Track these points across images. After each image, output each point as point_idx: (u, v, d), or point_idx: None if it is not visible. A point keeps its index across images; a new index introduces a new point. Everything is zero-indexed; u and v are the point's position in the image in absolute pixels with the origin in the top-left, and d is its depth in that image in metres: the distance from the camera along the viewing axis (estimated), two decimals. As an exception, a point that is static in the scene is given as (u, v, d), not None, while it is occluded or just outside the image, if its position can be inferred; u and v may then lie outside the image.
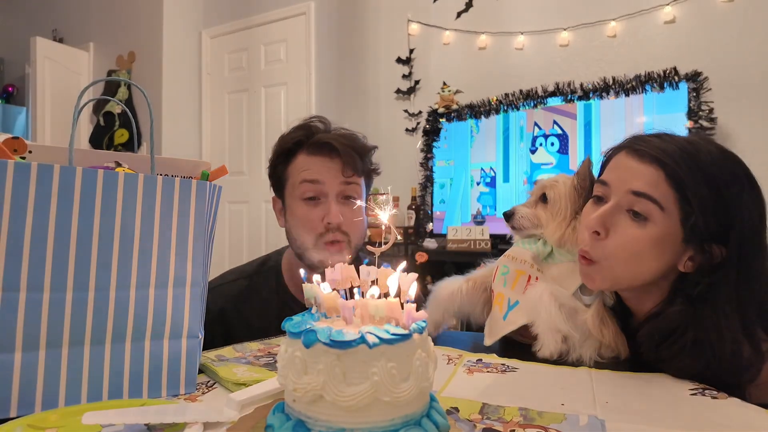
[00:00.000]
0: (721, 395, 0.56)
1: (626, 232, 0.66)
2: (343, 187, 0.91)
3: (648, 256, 0.65)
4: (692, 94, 2.25)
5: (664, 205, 0.64)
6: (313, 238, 0.89)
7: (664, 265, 0.66)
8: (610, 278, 0.69)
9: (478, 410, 0.51)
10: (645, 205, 0.64)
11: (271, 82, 3.78)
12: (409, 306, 0.41)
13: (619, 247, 0.66)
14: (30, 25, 4.51)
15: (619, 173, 0.69)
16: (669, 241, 0.65)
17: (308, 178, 0.90)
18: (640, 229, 0.65)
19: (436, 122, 2.96)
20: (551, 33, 2.74)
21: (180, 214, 0.58)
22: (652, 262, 0.66)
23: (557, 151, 2.60)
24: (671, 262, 0.66)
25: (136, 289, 0.54)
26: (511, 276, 0.79)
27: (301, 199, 0.91)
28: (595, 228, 0.68)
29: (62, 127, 3.92)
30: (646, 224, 0.65)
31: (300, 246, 0.92)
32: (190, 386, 0.58)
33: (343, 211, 0.89)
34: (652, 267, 0.66)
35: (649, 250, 0.65)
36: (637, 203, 0.65)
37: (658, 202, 0.64)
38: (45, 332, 0.50)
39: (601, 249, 0.68)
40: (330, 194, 0.90)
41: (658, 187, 0.64)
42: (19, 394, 0.49)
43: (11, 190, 0.48)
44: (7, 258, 0.48)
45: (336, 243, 0.89)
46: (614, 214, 0.67)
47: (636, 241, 0.65)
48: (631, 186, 0.66)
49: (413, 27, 3.14)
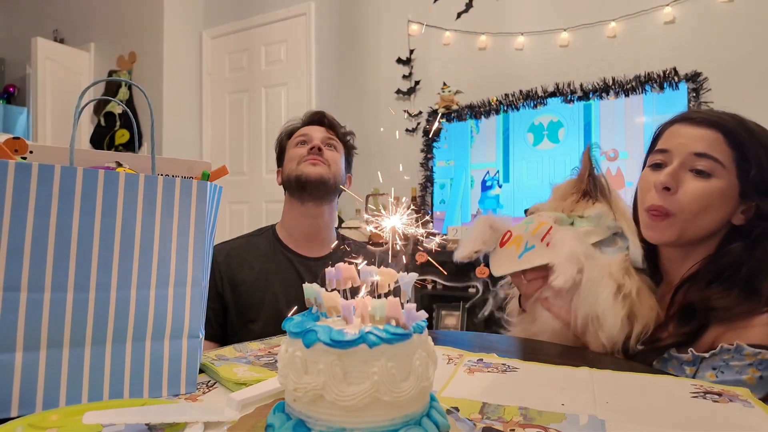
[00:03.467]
0: (722, 399, 0.56)
1: (695, 186, 0.74)
2: (326, 138, 1.19)
3: (715, 207, 0.74)
4: (692, 95, 2.25)
5: (725, 162, 0.73)
6: (298, 161, 1.15)
7: (725, 215, 0.75)
8: (678, 230, 0.76)
9: (478, 410, 0.51)
10: (707, 163, 0.73)
11: (271, 82, 3.78)
12: (409, 306, 0.41)
13: (691, 200, 0.74)
14: (31, 26, 4.51)
15: (680, 139, 0.77)
16: (730, 194, 0.74)
17: (300, 134, 1.20)
18: (707, 183, 0.73)
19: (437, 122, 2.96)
20: (551, 33, 2.74)
21: (181, 214, 0.58)
22: (718, 213, 0.75)
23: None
24: (730, 214, 0.75)
25: (136, 289, 0.55)
26: (534, 225, 0.85)
27: (294, 146, 1.19)
28: (666, 184, 0.75)
29: (63, 128, 3.92)
30: (711, 179, 0.73)
31: (289, 173, 1.17)
32: (191, 386, 0.58)
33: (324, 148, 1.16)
34: (717, 217, 0.75)
35: (716, 202, 0.74)
36: (699, 162, 0.74)
37: (719, 161, 0.73)
38: (46, 332, 0.50)
39: (675, 201, 0.75)
40: (315, 139, 1.18)
41: (717, 147, 0.73)
42: (20, 394, 0.49)
43: (12, 190, 0.48)
44: (8, 258, 0.48)
45: (316, 159, 1.14)
46: (680, 172, 0.75)
47: (705, 193, 0.73)
48: (693, 148, 0.75)
49: (413, 27, 3.14)
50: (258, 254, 1.16)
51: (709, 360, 0.68)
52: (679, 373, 0.71)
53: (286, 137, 1.24)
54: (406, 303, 0.41)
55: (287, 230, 1.19)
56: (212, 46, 4.06)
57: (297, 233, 1.17)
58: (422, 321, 0.43)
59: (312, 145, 1.16)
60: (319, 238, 1.18)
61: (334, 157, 1.18)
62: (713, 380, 0.67)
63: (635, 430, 0.47)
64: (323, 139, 1.18)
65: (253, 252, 1.16)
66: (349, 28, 3.44)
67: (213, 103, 4.06)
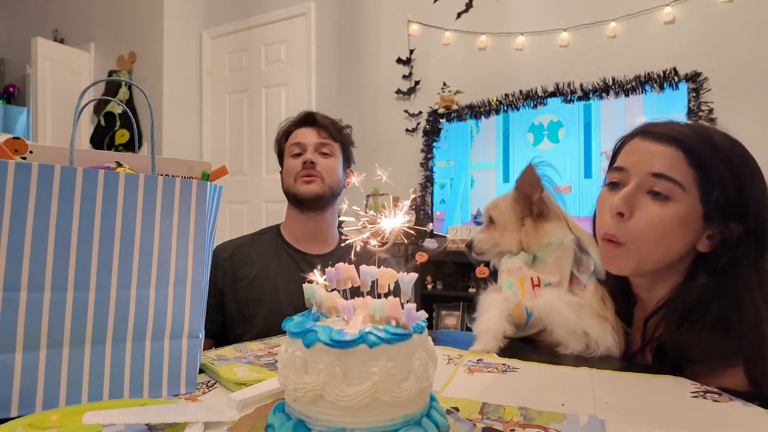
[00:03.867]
0: (723, 398, 0.56)
1: (650, 212, 0.67)
2: (319, 145, 1.20)
3: (673, 234, 0.66)
4: (692, 95, 2.25)
5: (685, 184, 0.65)
6: (294, 177, 1.18)
7: (687, 243, 0.67)
8: (635, 260, 0.69)
9: (478, 410, 0.51)
10: (666, 186, 0.66)
11: (271, 82, 3.78)
12: (409, 306, 0.41)
13: (645, 227, 0.67)
14: (31, 26, 4.51)
15: (637, 157, 0.70)
16: (691, 220, 0.66)
17: (295, 141, 1.21)
18: (663, 208, 0.66)
19: (436, 122, 2.96)
20: (551, 33, 2.74)
21: (180, 214, 0.58)
22: (677, 241, 0.67)
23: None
24: (693, 241, 0.67)
25: (136, 289, 0.55)
26: (517, 286, 0.82)
27: (290, 156, 1.21)
28: (619, 209, 0.68)
29: (63, 128, 3.92)
30: (668, 203, 0.66)
31: (287, 187, 1.20)
32: (191, 386, 0.58)
33: (317, 159, 1.18)
34: (677, 246, 0.67)
35: (674, 229, 0.66)
36: (657, 184, 0.66)
37: (678, 183, 0.65)
38: (46, 332, 0.50)
39: (627, 230, 0.68)
40: (308, 148, 1.19)
41: (677, 167, 0.66)
42: (19, 394, 0.49)
43: (12, 190, 0.48)
44: (8, 258, 0.48)
45: (309, 176, 1.17)
46: (636, 195, 0.68)
47: (661, 220, 0.66)
48: (650, 168, 0.67)
49: (413, 27, 3.14)
50: (261, 251, 1.19)
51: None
52: None
53: (283, 138, 1.26)
54: (406, 303, 0.41)
55: (290, 230, 1.23)
56: (212, 46, 4.06)
57: (299, 233, 1.22)
58: (422, 321, 0.43)
59: (305, 159, 1.17)
60: (321, 238, 1.23)
61: (328, 165, 1.19)
62: None
63: (635, 430, 0.47)
64: (316, 146, 1.19)
65: (256, 249, 1.20)
66: (349, 28, 3.44)
67: (213, 103, 4.06)
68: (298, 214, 1.19)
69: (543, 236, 0.83)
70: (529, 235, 0.84)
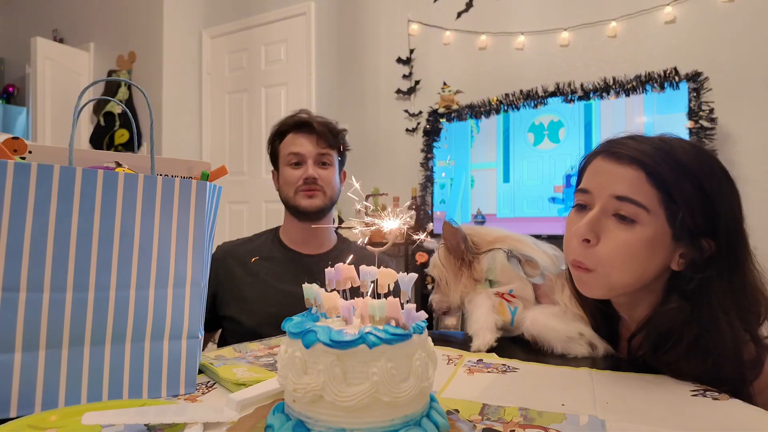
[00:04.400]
0: (723, 396, 0.56)
1: (616, 236, 0.65)
2: (318, 156, 1.19)
3: (641, 257, 0.64)
4: (692, 94, 2.25)
5: (649, 206, 0.63)
6: (294, 190, 1.18)
7: (658, 265, 0.66)
8: (606, 285, 0.68)
9: (479, 411, 0.51)
10: (630, 209, 0.64)
11: (271, 82, 3.78)
12: (409, 306, 0.41)
13: (612, 253, 0.65)
14: (30, 25, 4.51)
15: (600, 178, 0.68)
16: (659, 241, 0.64)
17: (293, 150, 1.19)
18: (630, 232, 0.64)
19: (437, 122, 2.96)
20: (551, 33, 2.74)
21: (180, 214, 0.58)
22: (647, 264, 0.65)
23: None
24: (665, 262, 0.66)
25: (136, 289, 0.54)
26: (498, 308, 0.84)
27: (288, 165, 1.20)
28: (584, 236, 0.67)
29: (62, 128, 3.92)
30: (634, 226, 0.64)
31: (286, 197, 1.20)
32: (190, 386, 0.58)
33: (318, 172, 1.18)
34: (647, 269, 0.65)
35: (642, 252, 0.64)
36: (622, 207, 0.64)
37: (642, 205, 0.63)
38: (45, 332, 0.50)
39: (594, 256, 0.67)
40: (308, 160, 1.18)
41: (640, 188, 0.64)
42: (19, 395, 0.49)
43: (11, 190, 0.48)
44: (7, 258, 0.48)
45: (311, 191, 1.17)
46: (601, 220, 0.66)
47: (627, 244, 0.64)
48: (613, 191, 0.65)
49: (413, 27, 3.14)
50: (255, 252, 1.21)
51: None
52: None
53: (278, 140, 1.24)
54: (405, 303, 0.41)
55: (288, 234, 1.24)
56: (212, 46, 4.05)
57: (297, 237, 1.23)
58: (422, 321, 0.43)
59: (306, 175, 1.16)
60: (318, 240, 1.24)
61: (328, 176, 1.19)
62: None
63: (635, 430, 0.47)
64: (316, 158, 1.18)
65: (252, 248, 1.22)
66: (349, 28, 3.43)
67: (213, 103, 4.05)
68: (296, 222, 1.20)
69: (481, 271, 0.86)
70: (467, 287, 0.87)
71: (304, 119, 1.20)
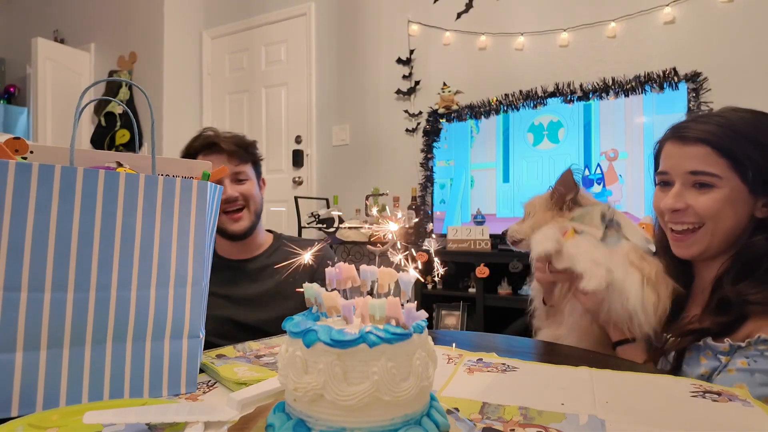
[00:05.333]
0: (722, 398, 0.56)
1: (703, 199, 0.78)
2: (234, 174, 1.18)
3: (727, 213, 0.77)
4: (692, 95, 2.25)
5: (721, 173, 0.76)
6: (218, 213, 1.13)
7: (743, 216, 0.78)
8: (707, 240, 0.79)
9: (478, 410, 0.51)
10: (705, 178, 0.77)
11: (271, 82, 3.78)
12: (409, 305, 0.41)
13: (704, 206, 0.77)
14: (31, 26, 4.51)
15: (673, 160, 0.81)
16: (739, 198, 0.77)
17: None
18: (708, 195, 0.77)
19: (436, 122, 2.96)
20: (551, 34, 2.74)
21: (181, 214, 0.58)
22: (733, 217, 0.77)
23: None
24: (749, 213, 0.78)
25: (137, 288, 0.55)
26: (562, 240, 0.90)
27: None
28: (675, 207, 0.79)
29: (63, 128, 3.92)
30: (712, 190, 0.77)
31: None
32: (191, 386, 0.58)
33: (236, 189, 1.17)
34: (734, 221, 0.78)
35: (726, 208, 0.77)
36: (698, 178, 0.78)
37: (713, 174, 0.76)
38: (46, 332, 0.50)
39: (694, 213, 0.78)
40: (224, 179, 1.16)
41: (709, 161, 0.76)
42: (20, 394, 0.49)
43: (12, 190, 0.48)
44: (9, 258, 0.48)
45: (236, 213, 1.17)
46: (684, 192, 0.79)
47: (713, 203, 0.77)
48: (687, 168, 0.79)
49: (413, 28, 3.14)
50: None
51: (744, 349, 0.70)
52: (712, 362, 0.73)
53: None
54: (406, 303, 0.42)
55: (220, 246, 1.23)
56: (212, 47, 4.06)
57: (229, 250, 1.23)
58: (422, 321, 0.43)
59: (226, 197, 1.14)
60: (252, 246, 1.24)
61: (248, 191, 1.18)
62: (744, 368, 0.69)
63: (635, 430, 0.48)
64: (231, 177, 1.17)
65: None
66: (349, 28, 3.44)
67: (213, 104, 4.06)
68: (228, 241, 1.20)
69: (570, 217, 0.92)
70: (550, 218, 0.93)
71: (211, 139, 1.17)
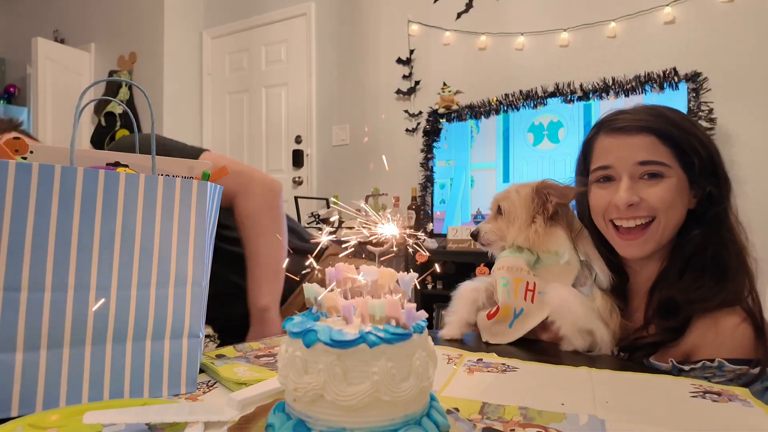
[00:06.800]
0: (722, 398, 0.56)
1: (654, 191, 0.76)
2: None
3: (677, 203, 0.76)
4: (692, 95, 2.25)
5: (668, 162, 0.75)
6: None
7: (684, 208, 0.78)
8: (658, 235, 0.77)
9: (478, 410, 0.51)
10: (654, 168, 0.75)
11: (271, 82, 3.78)
12: (410, 305, 0.41)
13: (658, 198, 0.76)
14: (31, 26, 4.51)
15: (617, 152, 0.78)
16: (682, 187, 0.76)
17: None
18: (659, 186, 0.76)
19: (436, 122, 2.96)
20: (551, 34, 2.74)
21: (181, 214, 0.58)
22: (680, 209, 0.77)
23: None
24: (687, 205, 0.78)
25: (137, 288, 0.55)
26: (512, 286, 0.81)
27: None
28: (629, 201, 0.76)
29: (63, 128, 3.92)
30: (662, 180, 0.76)
31: None
32: (191, 386, 0.58)
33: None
34: (681, 211, 0.77)
35: (676, 198, 0.76)
36: (647, 169, 0.76)
37: (662, 163, 0.75)
38: (46, 332, 0.50)
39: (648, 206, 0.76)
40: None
41: (656, 150, 0.75)
42: (20, 394, 0.49)
43: (13, 190, 0.48)
44: (9, 258, 0.48)
45: None
46: (634, 185, 0.77)
47: (664, 191, 0.76)
48: (635, 158, 0.76)
49: (413, 28, 3.14)
50: None
51: (690, 374, 0.68)
52: None
53: None
54: (406, 303, 0.41)
55: None
56: (212, 46, 4.06)
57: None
58: (422, 321, 0.43)
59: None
60: None
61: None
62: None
63: (635, 430, 0.48)
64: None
65: None
66: (349, 28, 3.44)
67: (213, 103, 4.06)
68: None
69: (552, 242, 0.82)
70: (537, 235, 0.82)
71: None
